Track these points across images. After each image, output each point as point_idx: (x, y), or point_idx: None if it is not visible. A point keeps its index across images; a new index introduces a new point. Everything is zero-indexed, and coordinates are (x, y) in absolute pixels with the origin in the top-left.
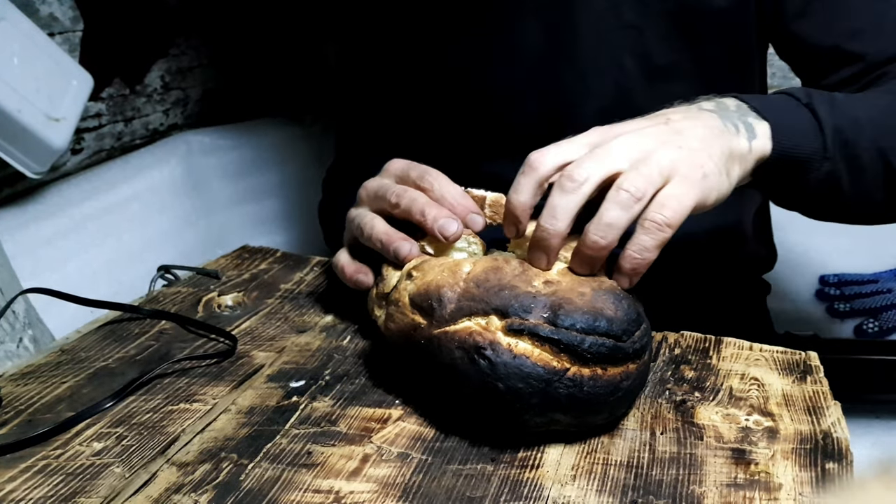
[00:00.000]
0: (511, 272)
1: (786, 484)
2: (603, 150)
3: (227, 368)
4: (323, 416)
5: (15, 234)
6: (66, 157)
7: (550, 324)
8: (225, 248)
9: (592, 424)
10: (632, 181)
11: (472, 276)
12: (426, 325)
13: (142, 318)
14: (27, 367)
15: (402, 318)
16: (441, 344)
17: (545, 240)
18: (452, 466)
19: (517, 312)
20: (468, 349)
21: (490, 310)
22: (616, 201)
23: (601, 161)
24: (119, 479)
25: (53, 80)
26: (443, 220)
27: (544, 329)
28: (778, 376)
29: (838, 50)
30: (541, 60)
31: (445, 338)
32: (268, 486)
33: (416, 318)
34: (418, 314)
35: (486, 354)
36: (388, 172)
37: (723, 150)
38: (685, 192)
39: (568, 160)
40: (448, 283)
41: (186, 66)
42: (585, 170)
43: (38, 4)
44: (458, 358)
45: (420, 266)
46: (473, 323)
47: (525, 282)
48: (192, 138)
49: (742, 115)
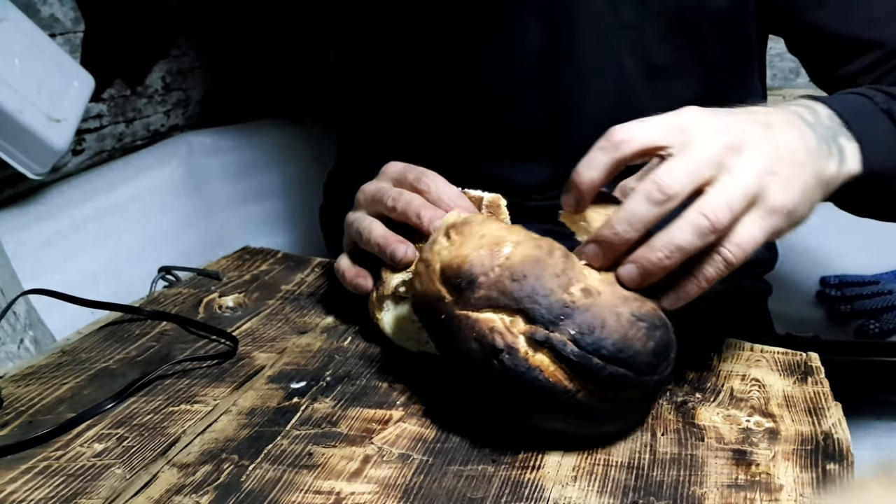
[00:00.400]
0: (552, 268)
1: (787, 485)
2: (696, 155)
3: (227, 369)
4: (324, 418)
5: (16, 234)
6: (67, 157)
7: (575, 343)
8: (226, 248)
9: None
10: (714, 209)
11: (510, 262)
12: (450, 301)
13: (143, 319)
14: (28, 368)
15: (429, 285)
16: (460, 328)
17: (611, 244)
18: (453, 467)
19: (545, 322)
20: (485, 346)
21: (518, 310)
22: (694, 225)
23: (692, 171)
24: (120, 481)
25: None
26: (438, 220)
27: (567, 348)
28: (779, 377)
29: (856, 38)
30: (540, 60)
31: (466, 323)
32: (269, 487)
33: (442, 291)
34: (445, 288)
35: (502, 358)
36: (385, 175)
37: (814, 175)
38: (764, 226)
39: (654, 145)
40: (484, 264)
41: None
42: (677, 182)
43: (39, 5)
44: (473, 350)
45: (460, 228)
46: (498, 318)
47: (563, 285)
48: (193, 139)
49: (834, 134)
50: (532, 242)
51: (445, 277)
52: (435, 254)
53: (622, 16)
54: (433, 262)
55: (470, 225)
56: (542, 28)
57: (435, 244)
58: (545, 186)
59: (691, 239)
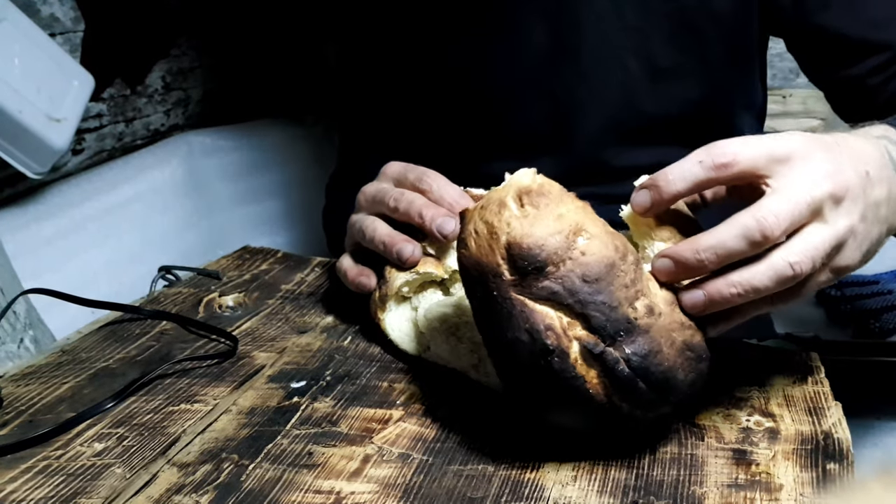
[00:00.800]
0: (622, 277)
1: (787, 484)
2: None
3: (227, 369)
4: (324, 417)
5: (16, 234)
6: (67, 157)
7: (627, 362)
8: (226, 248)
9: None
10: (801, 261)
11: (584, 259)
12: (509, 280)
13: (143, 318)
14: (28, 367)
15: (488, 254)
16: (513, 313)
17: (690, 267)
18: (453, 467)
19: (604, 336)
20: (536, 341)
21: (581, 314)
22: (777, 273)
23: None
24: (120, 480)
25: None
26: (440, 219)
27: (618, 367)
28: (779, 377)
29: (864, 40)
30: (543, 61)
31: (521, 311)
32: (269, 486)
33: (502, 266)
34: (507, 265)
35: (550, 360)
36: (385, 176)
37: (888, 230)
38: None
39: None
40: (557, 253)
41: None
42: (779, 227)
43: (39, 5)
44: (522, 340)
45: (535, 198)
46: (556, 315)
47: (630, 298)
48: (193, 139)
49: None
50: (607, 238)
51: (511, 255)
52: (503, 222)
53: (626, 17)
54: (499, 232)
55: (546, 197)
56: (545, 28)
57: (504, 209)
58: None
59: (770, 285)
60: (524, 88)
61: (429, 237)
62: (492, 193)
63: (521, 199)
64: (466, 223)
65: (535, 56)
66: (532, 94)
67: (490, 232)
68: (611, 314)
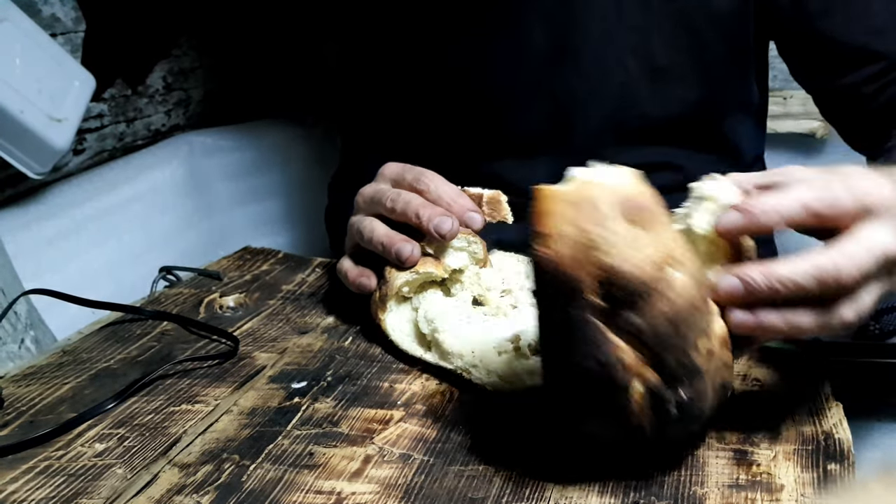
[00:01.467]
0: (700, 321)
1: (787, 485)
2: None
3: (228, 369)
4: (325, 417)
5: (17, 234)
6: (68, 157)
7: (679, 406)
8: (227, 249)
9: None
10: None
11: (674, 298)
12: (596, 304)
13: (143, 319)
14: (29, 367)
15: (575, 264)
16: (587, 338)
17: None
18: (454, 467)
19: (671, 380)
20: (603, 374)
21: (658, 363)
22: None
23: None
24: (121, 480)
25: (55, 80)
26: (437, 218)
27: (671, 408)
28: (780, 377)
29: (862, 49)
30: (544, 61)
31: (595, 336)
32: (270, 487)
33: (593, 287)
34: (597, 285)
35: (611, 394)
36: (383, 177)
37: None
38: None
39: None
40: (648, 284)
41: (188, 67)
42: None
43: (40, 5)
44: (587, 367)
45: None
46: (631, 354)
47: (698, 342)
48: (193, 139)
49: None
50: (698, 275)
51: (607, 279)
52: (604, 239)
53: (627, 17)
54: (597, 247)
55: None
56: (546, 28)
57: (607, 220)
58: None
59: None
60: (524, 88)
61: (427, 237)
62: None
63: (632, 217)
64: (547, 215)
65: (536, 56)
66: (532, 94)
67: (585, 243)
68: (683, 359)
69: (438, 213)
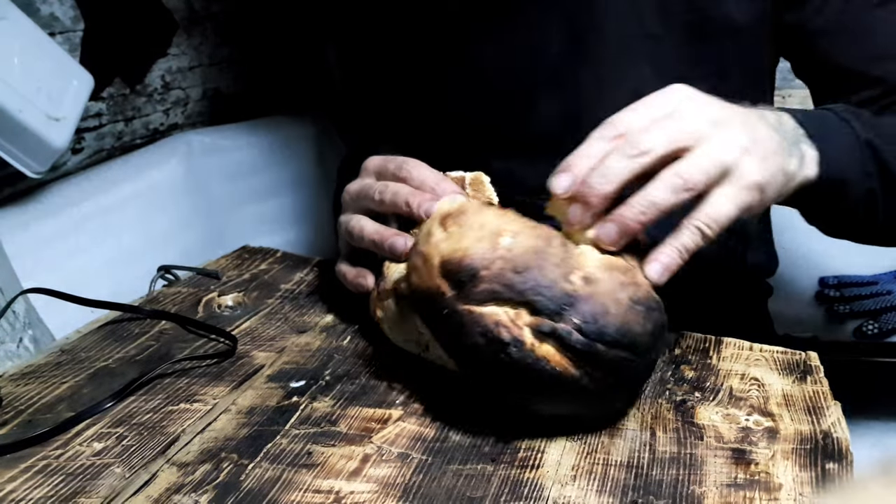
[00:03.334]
0: (553, 257)
1: (786, 484)
2: (673, 122)
3: (227, 368)
4: (323, 417)
5: (15, 233)
6: (67, 156)
7: (580, 331)
8: (225, 248)
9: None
10: (689, 170)
11: (511, 254)
12: (452, 296)
13: (142, 318)
14: (27, 367)
15: (427, 280)
16: (464, 322)
17: (587, 197)
18: (453, 466)
19: (549, 313)
20: (491, 340)
21: (522, 302)
22: (667, 183)
23: (669, 134)
24: (119, 480)
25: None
26: (426, 204)
27: (572, 337)
28: (778, 376)
29: (861, 74)
30: (561, 62)
31: (470, 318)
32: (268, 486)
33: (442, 286)
34: (445, 283)
35: (509, 351)
36: (367, 171)
37: (781, 164)
38: (736, 197)
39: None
40: (484, 258)
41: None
42: (650, 140)
43: (38, 4)
44: (479, 343)
45: (456, 217)
46: (502, 311)
47: (564, 274)
48: (192, 138)
49: (797, 141)
50: (531, 232)
51: (446, 271)
52: (433, 247)
53: (645, 24)
54: (431, 256)
55: (466, 214)
56: (565, 29)
57: (431, 236)
58: None
59: (665, 196)
60: (539, 87)
61: (417, 225)
62: (421, 226)
63: (445, 224)
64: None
65: (552, 56)
66: (546, 94)
67: (425, 260)
68: (549, 293)
69: (427, 198)
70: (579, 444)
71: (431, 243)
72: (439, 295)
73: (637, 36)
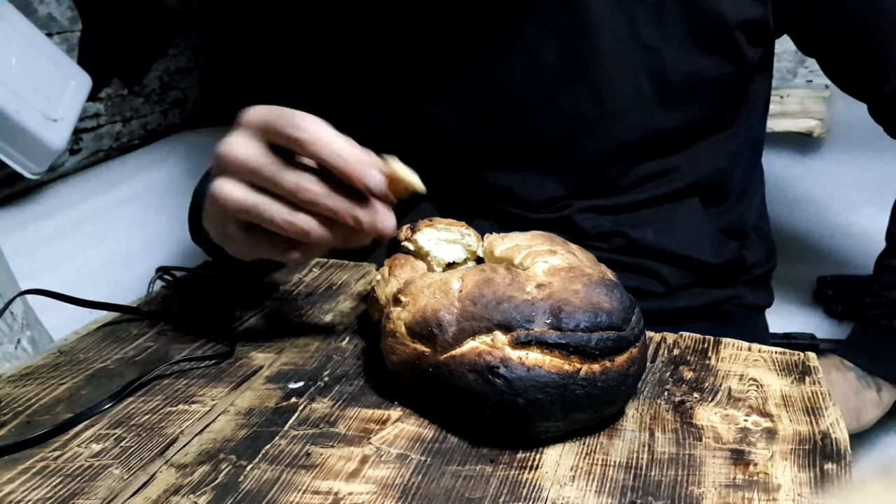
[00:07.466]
0: (502, 281)
1: (784, 484)
2: None
3: (225, 370)
4: (322, 418)
5: (13, 234)
6: (65, 157)
7: (555, 329)
8: None
9: (608, 415)
10: None
11: (465, 293)
12: (430, 352)
13: (140, 319)
14: (25, 368)
15: (404, 349)
16: (451, 369)
17: None
18: (451, 467)
19: (520, 324)
20: (481, 370)
21: (493, 325)
22: None
23: None
24: (118, 481)
25: (52, 80)
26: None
27: (551, 336)
28: (776, 377)
29: None
30: (556, 77)
31: (454, 362)
32: (267, 487)
33: (419, 347)
34: (419, 343)
35: (501, 373)
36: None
37: None
38: None
39: None
40: (443, 304)
41: (185, 67)
42: None
43: (36, 5)
44: (472, 381)
45: (407, 290)
46: (479, 342)
47: (519, 289)
48: (190, 139)
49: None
50: (475, 270)
51: (414, 333)
52: (395, 321)
53: (641, 37)
54: (398, 329)
55: (413, 283)
56: (558, 44)
57: (391, 314)
58: (553, 200)
59: None
60: (534, 103)
61: None
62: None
63: (398, 300)
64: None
65: (547, 71)
66: (542, 109)
67: (395, 336)
68: (513, 310)
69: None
70: (578, 444)
71: (393, 319)
72: (418, 357)
73: (634, 49)
